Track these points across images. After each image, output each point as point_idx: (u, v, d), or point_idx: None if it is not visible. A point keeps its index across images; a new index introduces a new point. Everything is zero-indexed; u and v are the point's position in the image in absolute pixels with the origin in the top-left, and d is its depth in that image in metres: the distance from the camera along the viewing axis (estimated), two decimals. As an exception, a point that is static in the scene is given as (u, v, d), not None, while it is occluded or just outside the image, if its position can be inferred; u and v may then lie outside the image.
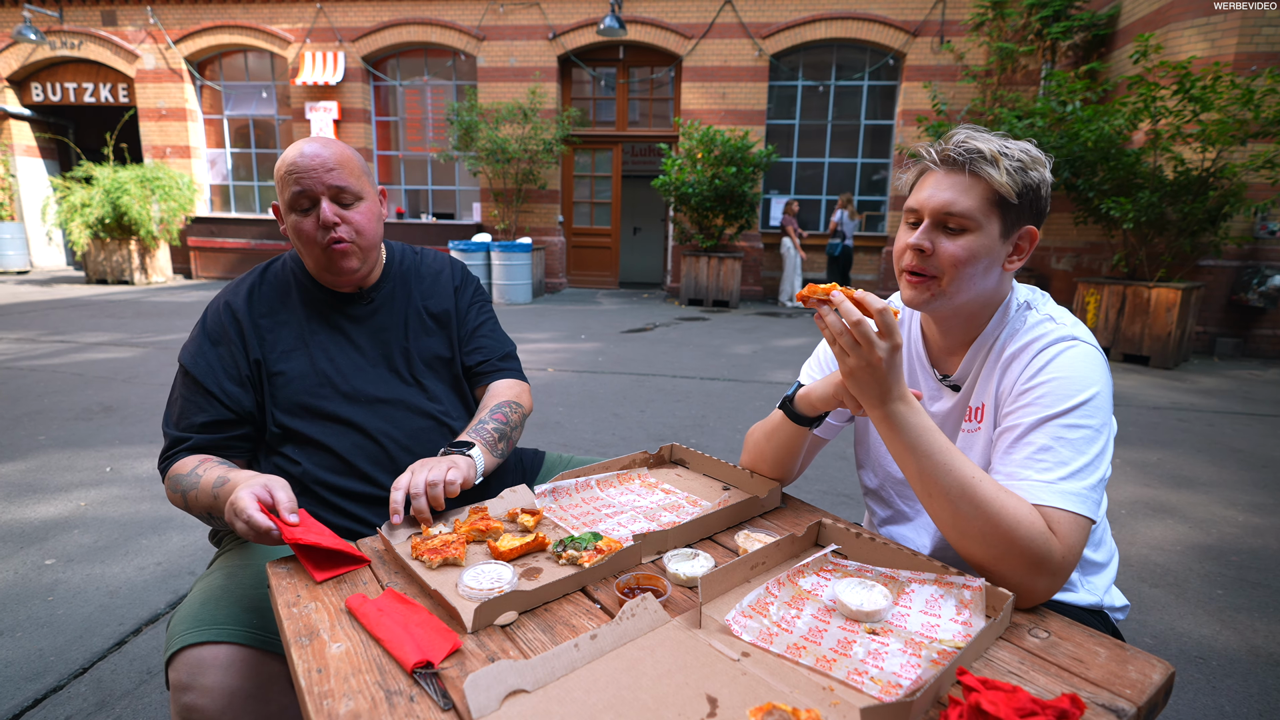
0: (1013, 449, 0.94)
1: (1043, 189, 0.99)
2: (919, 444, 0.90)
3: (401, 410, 1.27)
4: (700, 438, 3.79)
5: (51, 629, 1.97)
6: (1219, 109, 5.71)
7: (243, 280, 1.30)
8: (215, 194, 12.29)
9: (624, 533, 1.05)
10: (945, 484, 0.88)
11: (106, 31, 11.40)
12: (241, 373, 1.21)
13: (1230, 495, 3.20)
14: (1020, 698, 0.63)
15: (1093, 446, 0.90)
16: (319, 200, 1.18)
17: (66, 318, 7.33)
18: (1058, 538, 0.85)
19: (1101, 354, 0.98)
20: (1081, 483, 0.88)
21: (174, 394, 1.23)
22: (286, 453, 1.22)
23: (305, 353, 1.24)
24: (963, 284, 0.99)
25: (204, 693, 0.88)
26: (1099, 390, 0.93)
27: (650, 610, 0.80)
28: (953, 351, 1.11)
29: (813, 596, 0.88)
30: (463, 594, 0.85)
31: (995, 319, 1.05)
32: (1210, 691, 1.83)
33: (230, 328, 1.23)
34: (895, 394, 0.90)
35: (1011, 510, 0.85)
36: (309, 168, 1.16)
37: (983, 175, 0.96)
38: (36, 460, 3.26)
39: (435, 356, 1.36)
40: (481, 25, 10.64)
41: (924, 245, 0.99)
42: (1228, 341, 6.91)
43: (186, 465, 1.14)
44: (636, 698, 0.68)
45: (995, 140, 0.98)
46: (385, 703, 0.67)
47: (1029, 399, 0.95)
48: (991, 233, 0.98)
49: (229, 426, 1.20)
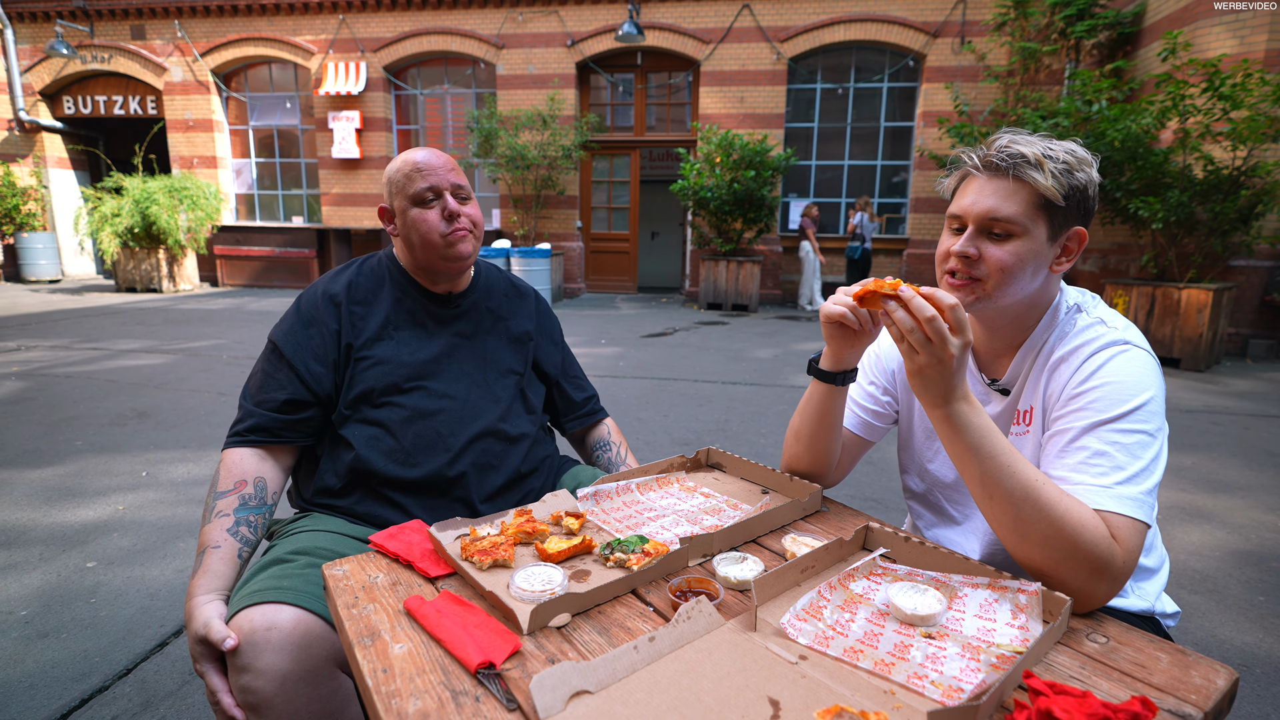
0: (1065, 453, 0.93)
1: (1090, 189, 0.98)
2: (982, 445, 0.88)
3: (467, 408, 1.33)
4: (724, 442, 3.79)
5: (95, 630, 2.02)
6: (1249, 107, 5.61)
7: (340, 271, 1.38)
8: (240, 203, 12.52)
9: (668, 535, 1.05)
10: (1009, 486, 0.86)
11: (135, 45, 11.67)
12: (328, 355, 1.28)
13: (1269, 500, 3.13)
14: (1091, 702, 0.62)
15: (1148, 451, 0.89)
16: (443, 194, 1.30)
17: (98, 325, 7.50)
18: (1118, 542, 0.85)
19: (1154, 358, 0.97)
20: (1138, 487, 0.87)
21: (258, 368, 1.30)
22: (347, 435, 1.27)
23: (389, 341, 1.32)
24: (1009, 287, 0.99)
25: (258, 675, 0.93)
26: (1153, 395, 0.92)
27: (705, 613, 0.80)
28: (1000, 355, 1.10)
29: (865, 600, 0.88)
30: (515, 595, 0.86)
31: (1044, 321, 1.04)
32: (1256, 700, 1.80)
33: (325, 312, 1.30)
34: (960, 393, 0.88)
35: (1075, 515, 0.84)
36: (436, 167, 1.29)
37: (1027, 179, 0.95)
38: (74, 465, 3.33)
39: (509, 369, 1.43)
40: (501, 34, 10.74)
41: (969, 252, 0.99)
42: (1261, 343, 6.76)
43: (228, 476, 1.20)
44: (699, 699, 0.68)
45: (1039, 143, 0.97)
46: (452, 702, 0.67)
47: (1081, 403, 0.94)
48: (1038, 236, 0.97)
49: (303, 407, 1.26)
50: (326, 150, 11.52)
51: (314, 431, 1.30)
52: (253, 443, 1.23)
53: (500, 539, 0.99)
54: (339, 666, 1.00)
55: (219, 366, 5.55)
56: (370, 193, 11.62)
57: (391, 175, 1.32)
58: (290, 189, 12.36)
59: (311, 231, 11.68)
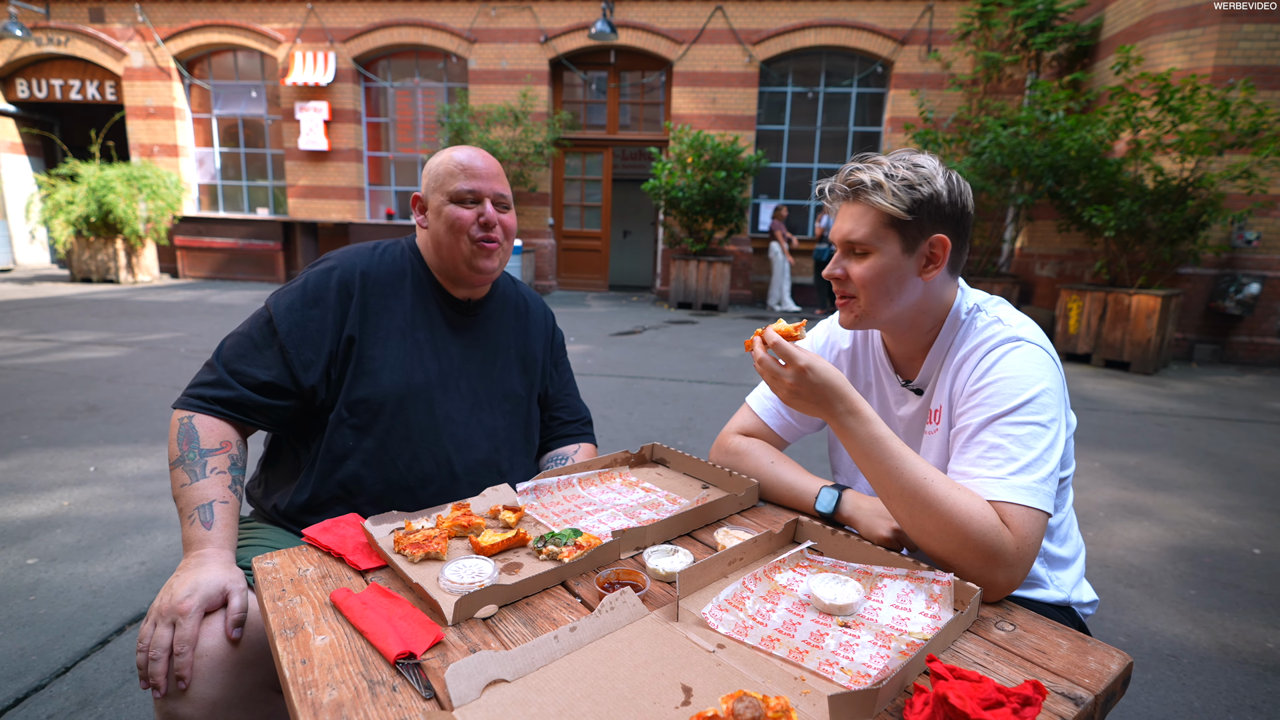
0: (965, 449, 0.98)
1: (941, 198, 1.02)
2: (871, 451, 0.95)
3: (469, 435, 1.28)
4: (687, 439, 3.82)
5: (33, 628, 1.96)
6: (1197, 120, 5.82)
7: (357, 254, 1.28)
8: (203, 193, 12.20)
9: (604, 529, 1.07)
10: (899, 485, 0.93)
11: (94, 29, 11.30)
12: (326, 344, 1.19)
13: (1205, 498, 3.27)
14: (986, 687, 0.65)
15: (1040, 441, 0.94)
16: (483, 201, 1.25)
17: (50, 316, 7.26)
18: (1010, 531, 0.89)
19: (1048, 352, 1.02)
20: (1031, 477, 0.92)
21: (243, 330, 1.20)
22: (341, 445, 1.20)
23: (403, 345, 1.25)
24: (878, 301, 1.06)
25: (188, 702, 0.87)
26: (1045, 387, 0.97)
27: (629, 604, 0.82)
28: (913, 358, 1.15)
29: (788, 591, 0.91)
30: (444, 587, 0.87)
31: (948, 324, 1.09)
32: (1181, 689, 1.88)
33: (334, 295, 1.22)
34: (839, 408, 0.97)
35: (963, 506, 0.89)
36: (484, 172, 1.26)
37: (870, 203, 1.02)
38: (19, 460, 3.23)
39: (512, 392, 1.38)
40: (473, 28, 10.65)
41: (835, 273, 1.09)
42: (1206, 348, 7.03)
43: (209, 435, 1.10)
44: (613, 687, 0.70)
45: (883, 164, 1.04)
46: (368, 692, 0.68)
47: (977, 400, 0.99)
48: (891, 251, 1.03)
49: (282, 394, 1.17)
50: (293, 141, 11.29)
51: (283, 422, 1.20)
52: (218, 414, 1.13)
53: (434, 532, 0.99)
54: (275, 690, 0.96)
55: (176, 360, 5.42)
56: (338, 185, 11.42)
57: (434, 168, 1.26)
58: (255, 180, 12.08)
59: (277, 224, 11.43)
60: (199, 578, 0.92)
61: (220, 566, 0.96)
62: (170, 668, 0.86)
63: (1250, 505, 3.19)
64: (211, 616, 0.91)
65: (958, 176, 1.05)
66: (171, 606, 0.89)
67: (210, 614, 0.91)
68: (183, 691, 0.86)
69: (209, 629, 0.89)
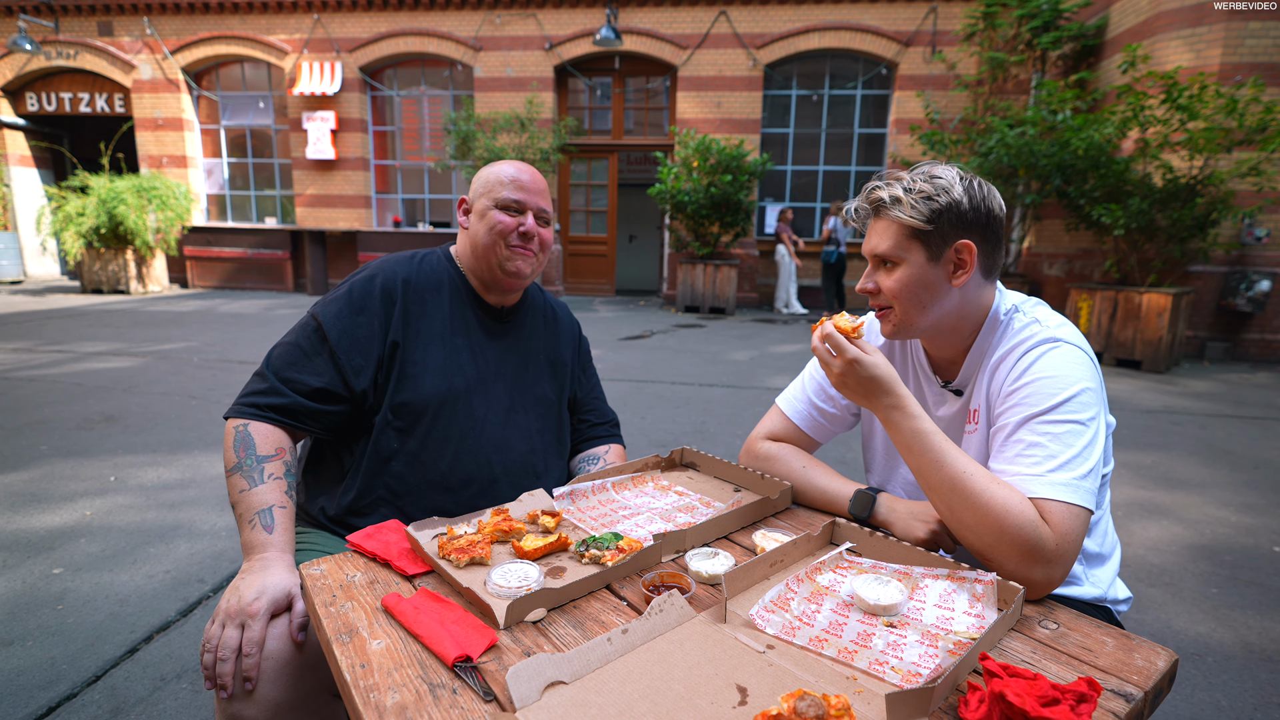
0: (1004, 448, 1.00)
1: (961, 206, 1.04)
2: (914, 444, 0.98)
3: (507, 437, 1.31)
4: (701, 443, 3.83)
5: (62, 637, 1.98)
6: (1205, 118, 5.82)
7: (397, 263, 1.32)
8: (212, 204, 12.30)
9: (642, 533, 1.08)
10: (939, 478, 0.95)
11: (103, 42, 11.42)
12: (374, 349, 1.23)
13: (1222, 496, 3.25)
14: (1041, 684, 0.66)
15: (1079, 439, 0.95)
16: (526, 212, 1.31)
17: (63, 327, 7.32)
18: (1050, 526, 0.90)
19: (1086, 352, 1.03)
20: (1070, 473, 0.93)
21: (291, 340, 1.23)
22: (385, 447, 1.22)
23: (443, 350, 1.28)
24: (912, 309, 1.08)
25: (252, 704, 0.89)
26: (1084, 387, 0.98)
27: (677, 606, 0.83)
28: (953, 361, 1.17)
29: (831, 592, 0.91)
30: (492, 591, 0.88)
31: (986, 327, 1.11)
32: (1207, 687, 1.87)
33: (379, 302, 1.25)
34: (884, 402, 1.00)
35: (1001, 500, 0.90)
36: (529, 186, 1.31)
37: (891, 217, 1.06)
38: (40, 470, 3.26)
39: (544, 396, 1.41)
40: (478, 36, 10.71)
41: (867, 286, 1.12)
42: (1217, 345, 7.01)
43: (265, 442, 1.12)
44: (670, 688, 0.71)
45: (902, 179, 1.07)
46: (429, 695, 0.69)
47: (1015, 400, 1.00)
48: (917, 261, 1.06)
49: (335, 400, 1.20)
50: (301, 151, 11.37)
51: (334, 427, 1.23)
52: (273, 420, 1.15)
53: (477, 537, 1.00)
54: (333, 694, 0.98)
55: (189, 369, 5.45)
56: (346, 194, 11.49)
57: (486, 176, 1.32)
58: (263, 189, 12.17)
59: (285, 233, 11.51)
60: (265, 580, 0.95)
61: (284, 569, 0.98)
62: (238, 669, 0.88)
63: (1268, 503, 3.18)
64: (276, 619, 0.93)
65: (980, 182, 1.07)
66: (240, 609, 0.91)
67: (275, 616, 0.93)
68: (249, 693, 0.88)
69: (274, 631, 0.91)
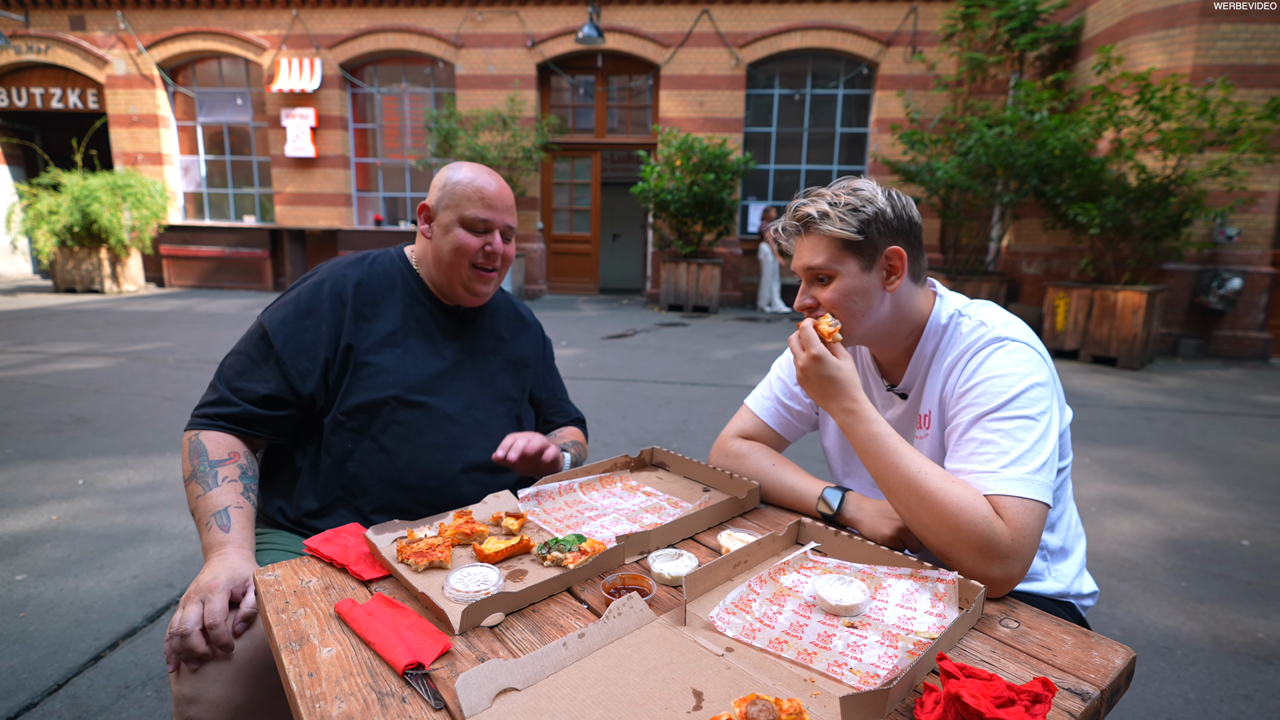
0: (957, 447, 1.01)
1: (886, 214, 1.07)
2: (870, 446, 1.00)
3: (466, 435, 1.30)
4: (682, 442, 3.82)
5: (24, 645, 1.93)
6: (1177, 119, 5.91)
7: (348, 265, 1.32)
8: (189, 202, 12.09)
9: (607, 534, 1.07)
10: (895, 479, 0.96)
11: (75, 36, 11.18)
12: (320, 352, 1.22)
13: (1193, 491, 3.30)
14: (997, 685, 0.66)
15: (1030, 434, 0.95)
16: (493, 231, 1.28)
17: (34, 328, 7.16)
18: (1005, 522, 0.90)
19: (1034, 348, 1.04)
20: (1023, 468, 0.93)
21: (240, 349, 1.23)
22: (339, 448, 1.21)
23: (396, 350, 1.27)
24: (851, 319, 1.10)
25: (209, 706, 0.89)
26: (1033, 382, 0.98)
27: (636, 609, 0.82)
28: (896, 364, 1.18)
29: (793, 593, 0.91)
30: (449, 596, 0.87)
31: (927, 332, 1.12)
32: (1175, 680, 1.90)
33: (327, 306, 1.25)
34: (840, 405, 1.03)
35: (955, 498, 0.91)
36: (499, 204, 1.28)
37: (822, 231, 1.07)
38: (5, 474, 3.18)
39: (505, 393, 1.40)
40: (460, 33, 10.63)
41: (805, 302, 1.14)
42: (1190, 343, 7.12)
43: (217, 448, 1.14)
44: (624, 693, 0.70)
45: (825, 195, 1.09)
46: (377, 704, 0.68)
47: (966, 400, 1.02)
48: (852, 271, 1.08)
49: (282, 405, 1.20)
50: (280, 148, 11.21)
51: (286, 431, 1.23)
52: (224, 428, 1.17)
53: (437, 540, 0.99)
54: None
55: (164, 370, 5.36)
56: (326, 192, 11.35)
57: (452, 186, 1.27)
58: (242, 187, 11.99)
59: (264, 231, 11.35)
60: (222, 566, 0.96)
61: (243, 561, 0.99)
62: (208, 641, 0.90)
63: (1238, 497, 3.23)
64: (233, 615, 0.93)
65: (897, 192, 1.10)
66: (198, 588, 0.93)
67: (233, 606, 0.94)
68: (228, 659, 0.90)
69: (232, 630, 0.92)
